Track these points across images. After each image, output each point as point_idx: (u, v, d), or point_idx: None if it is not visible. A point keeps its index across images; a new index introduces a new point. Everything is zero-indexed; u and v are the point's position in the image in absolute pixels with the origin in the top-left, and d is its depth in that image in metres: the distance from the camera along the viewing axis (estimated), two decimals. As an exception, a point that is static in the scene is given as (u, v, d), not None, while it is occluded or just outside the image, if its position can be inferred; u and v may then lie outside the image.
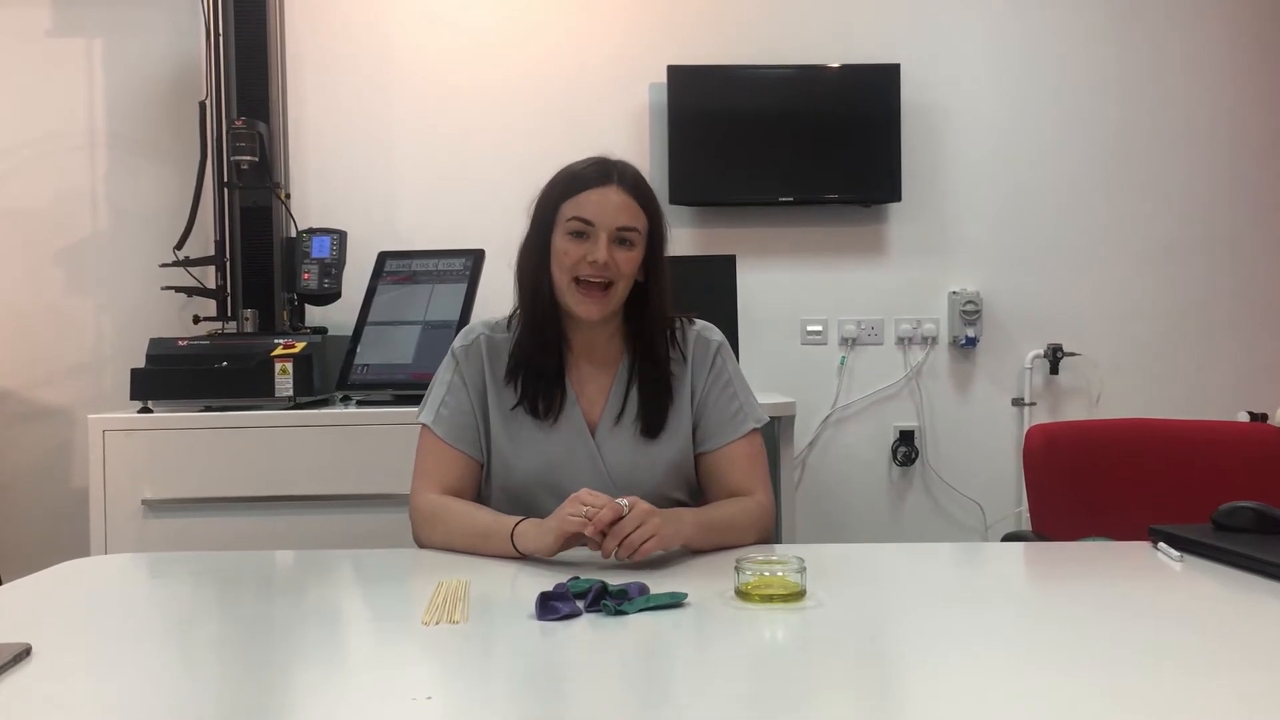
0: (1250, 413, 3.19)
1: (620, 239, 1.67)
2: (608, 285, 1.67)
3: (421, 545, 1.69)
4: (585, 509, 1.47)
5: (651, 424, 1.73)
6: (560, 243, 1.67)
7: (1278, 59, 3.54)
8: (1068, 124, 3.51)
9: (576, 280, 1.66)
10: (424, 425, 1.75)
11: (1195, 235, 3.54)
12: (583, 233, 1.66)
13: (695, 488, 1.80)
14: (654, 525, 1.47)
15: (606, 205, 1.66)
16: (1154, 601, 1.37)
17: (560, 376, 1.73)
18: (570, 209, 1.67)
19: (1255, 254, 3.55)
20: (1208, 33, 3.52)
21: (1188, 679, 1.05)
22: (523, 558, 1.54)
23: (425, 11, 3.42)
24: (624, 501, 1.48)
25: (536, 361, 1.72)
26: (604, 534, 1.46)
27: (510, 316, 1.79)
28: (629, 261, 1.67)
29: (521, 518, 1.58)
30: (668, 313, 1.76)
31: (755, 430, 1.78)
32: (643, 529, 1.46)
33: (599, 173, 1.69)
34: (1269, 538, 1.53)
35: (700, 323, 1.83)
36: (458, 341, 1.80)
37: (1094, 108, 3.52)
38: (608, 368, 1.76)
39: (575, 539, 1.49)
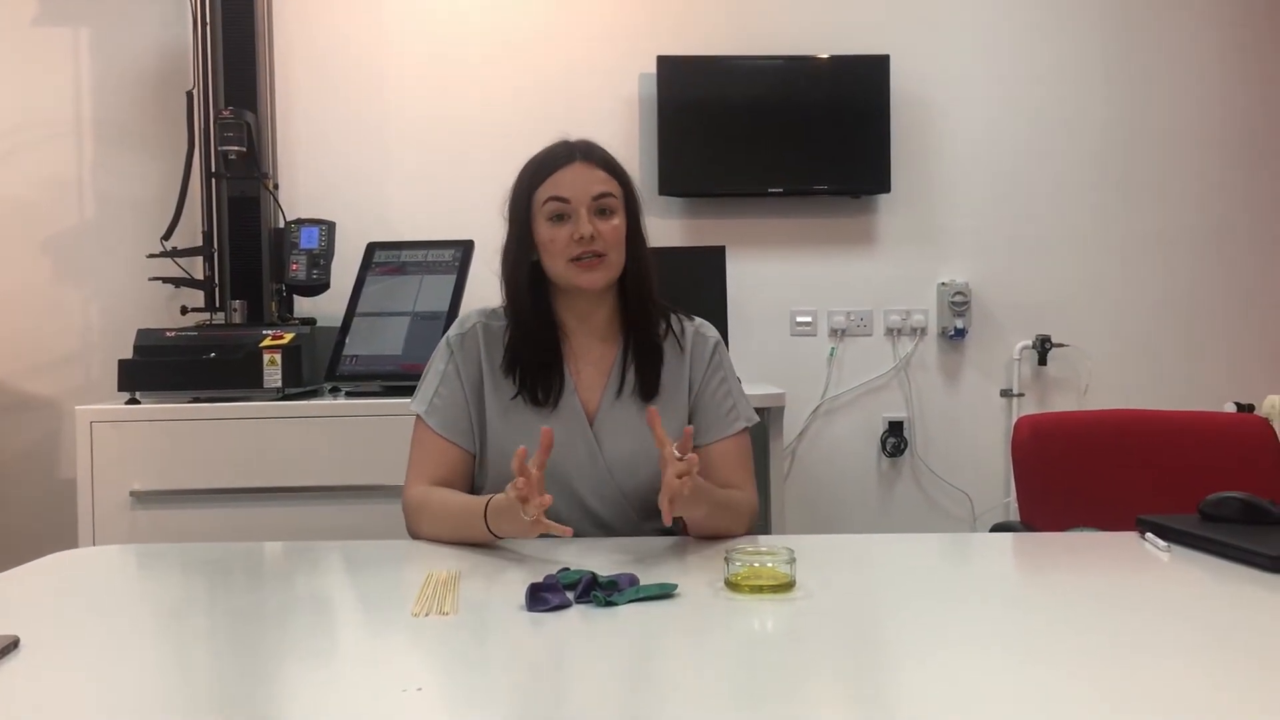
0: (1238, 403, 3.21)
1: (599, 209, 1.68)
2: (601, 255, 1.67)
3: (414, 537, 1.69)
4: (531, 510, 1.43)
5: (648, 387, 1.73)
6: (544, 232, 1.68)
7: (1266, 53, 3.55)
8: (1057, 116, 3.52)
9: (570, 260, 1.67)
10: (417, 415, 1.75)
11: (1184, 227, 3.55)
12: (562, 214, 1.67)
13: None
14: (694, 481, 1.48)
15: (578, 179, 1.68)
16: (1141, 591, 1.37)
17: (558, 363, 1.73)
18: (544, 192, 1.68)
19: (1243, 246, 3.56)
20: (1197, 26, 3.53)
21: (1174, 668, 1.06)
22: (511, 544, 1.54)
23: (413, 1, 3.40)
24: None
25: (533, 355, 1.72)
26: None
27: (505, 305, 1.79)
28: (614, 230, 1.68)
29: (488, 499, 1.55)
30: (651, 278, 1.76)
31: (746, 429, 1.79)
32: (688, 480, 1.46)
33: (563, 153, 1.71)
34: (1255, 528, 1.54)
35: (698, 319, 1.84)
36: (453, 330, 1.79)
37: (1083, 100, 3.52)
38: (606, 352, 1.77)
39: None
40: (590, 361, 1.76)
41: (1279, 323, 3.57)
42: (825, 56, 3.41)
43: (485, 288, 1.85)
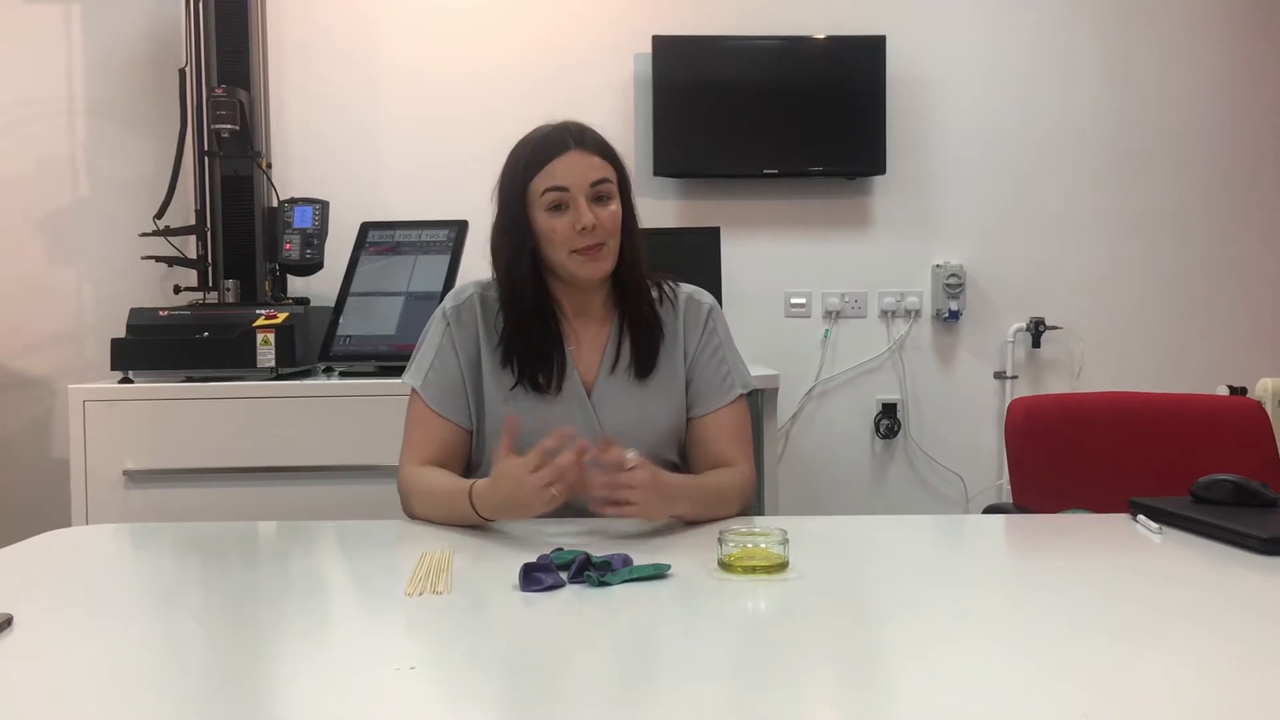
0: (1230, 386, 3.21)
1: (596, 196, 1.66)
2: (601, 244, 1.66)
3: (410, 517, 1.69)
4: (544, 475, 1.43)
5: (643, 364, 1.73)
6: (544, 222, 1.66)
7: (1257, 39, 3.54)
8: (1053, 99, 3.51)
9: (573, 251, 1.66)
10: (413, 389, 1.74)
11: (1179, 211, 3.55)
12: (561, 204, 1.65)
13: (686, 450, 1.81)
14: (639, 496, 1.46)
15: (575, 168, 1.65)
16: (1133, 573, 1.38)
17: (559, 347, 1.72)
18: (541, 183, 1.66)
19: (1237, 229, 3.56)
20: (1193, 11, 3.52)
21: (1164, 649, 1.06)
22: (504, 525, 1.55)
23: (408, -21, 3.39)
24: (632, 455, 1.48)
25: (531, 343, 1.70)
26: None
27: None
28: (612, 216, 1.67)
29: (472, 481, 1.56)
30: (643, 257, 1.75)
31: (741, 397, 1.78)
32: (634, 492, 1.46)
33: (557, 139, 1.68)
34: (1246, 510, 1.55)
35: (690, 286, 1.82)
36: (448, 301, 1.77)
37: (1079, 83, 3.51)
38: (602, 327, 1.76)
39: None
40: (586, 339, 1.75)
41: (1272, 306, 3.58)
42: (821, 37, 3.39)
43: (479, 268, 1.84)
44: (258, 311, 2.76)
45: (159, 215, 3.00)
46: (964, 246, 3.52)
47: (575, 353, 1.74)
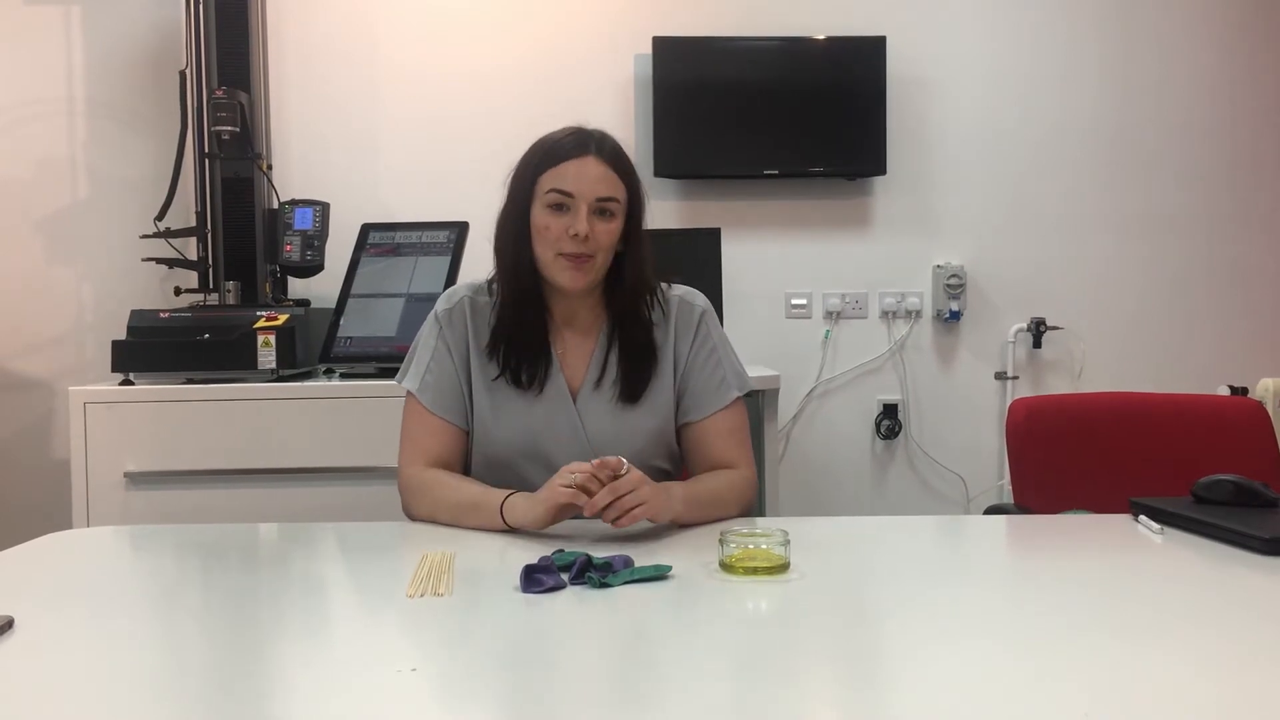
0: (1231, 386, 3.21)
1: (600, 210, 1.65)
2: (589, 256, 1.65)
3: (410, 517, 1.69)
4: (575, 477, 1.46)
5: (632, 390, 1.72)
6: (541, 217, 1.66)
7: (1257, 40, 3.54)
8: (1053, 99, 3.51)
9: (559, 253, 1.65)
10: (409, 392, 1.74)
11: (1179, 210, 3.55)
12: (562, 205, 1.64)
13: (678, 456, 1.80)
14: (645, 493, 1.47)
15: (585, 176, 1.64)
16: (1134, 573, 1.38)
17: (544, 346, 1.72)
18: (549, 181, 1.65)
19: (1238, 229, 3.56)
20: (1192, 11, 3.52)
21: (1165, 649, 1.06)
22: (509, 530, 1.54)
23: (408, -20, 3.39)
24: (624, 462, 1.48)
25: (520, 334, 1.70)
26: (592, 492, 1.45)
27: (491, 280, 1.77)
28: (609, 233, 1.66)
29: (511, 490, 1.58)
30: (648, 281, 1.74)
31: (739, 399, 1.78)
32: (636, 494, 1.45)
33: (577, 143, 1.67)
34: (1247, 510, 1.55)
35: (682, 288, 1.81)
36: (441, 304, 1.77)
37: (1080, 83, 3.51)
38: (590, 334, 1.75)
39: (567, 510, 1.49)
40: (573, 346, 1.75)
41: (1272, 306, 3.58)
42: (822, 38, 3.39)
43: (480, 269, 1.84)
44: (258, 313, 2.76)
45: (159, 217, 3.00)
46: (964, 247, 3.52)
47: (562, 357, 1.74)
